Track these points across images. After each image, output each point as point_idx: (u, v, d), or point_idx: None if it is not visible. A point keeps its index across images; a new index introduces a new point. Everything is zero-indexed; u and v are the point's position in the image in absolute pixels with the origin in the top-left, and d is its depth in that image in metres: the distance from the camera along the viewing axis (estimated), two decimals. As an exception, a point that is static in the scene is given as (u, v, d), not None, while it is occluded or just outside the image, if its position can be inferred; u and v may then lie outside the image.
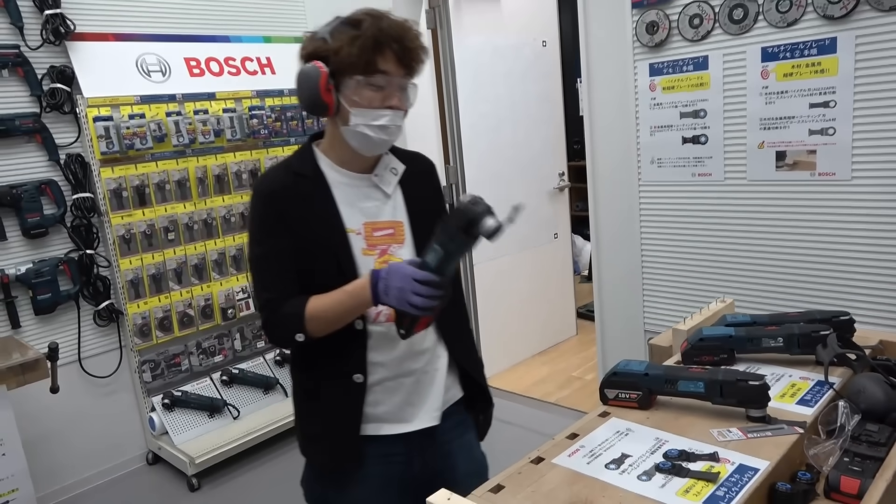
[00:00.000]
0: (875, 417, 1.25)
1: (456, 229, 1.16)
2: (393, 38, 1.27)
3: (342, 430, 1.38)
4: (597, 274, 2.74)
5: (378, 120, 1.29)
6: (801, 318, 1.55)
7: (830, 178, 2.01)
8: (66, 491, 2.98)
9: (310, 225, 1.33)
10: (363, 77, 1.26)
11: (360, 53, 1.25)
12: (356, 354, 1.35)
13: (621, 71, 2.43)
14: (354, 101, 1.28)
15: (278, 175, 1.38)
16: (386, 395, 1.38)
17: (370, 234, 1.37)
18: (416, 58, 1.31)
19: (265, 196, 1.35)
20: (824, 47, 1.94)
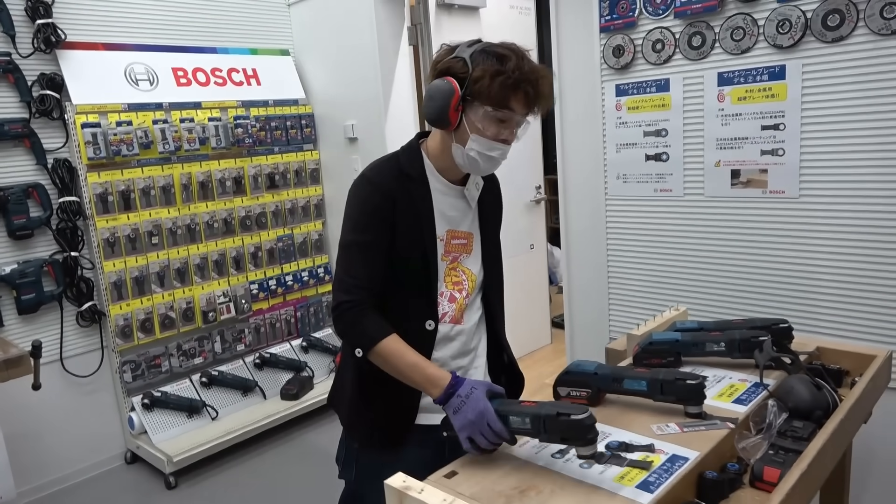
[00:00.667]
0: (801, 415, 1.37)
1: (557, 428, 1.14)
2: (530, 82, 1.33)
3: (399, 416, 1.47)
4: (566, 283, 2.86)
5: (491, 151, 1.37)
6: (743, 324, 1.66)
7: (780, 195, 2.14)
8: (45, 488, 3.03)
9: (409, 226, 1.42)
10: (492, 110, 1.33)
11: (500, 90, 1.31)
12: (423, 351, 1.43)
13: (590, 91, 2.55)
14: (477, 127, 1.35)
15: (391, 171, 1.44)
16: None
17: (448, 242, 1.49)
18: (543, 102, 1.37)
19: (378, 187, 1.41)
20: (774, 74, 2.08)
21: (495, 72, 1.30)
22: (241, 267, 3.55)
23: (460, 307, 1.51)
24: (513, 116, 1.35)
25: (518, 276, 4.16)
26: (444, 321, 1.49)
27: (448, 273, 1.48)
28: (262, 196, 3.62)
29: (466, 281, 1.52)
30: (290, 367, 3.64)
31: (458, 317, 1.51)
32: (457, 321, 1.51)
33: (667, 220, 2.43)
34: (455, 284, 1.50)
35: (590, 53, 2.52)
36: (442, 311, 1.48)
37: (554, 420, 1.12)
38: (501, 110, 1.33)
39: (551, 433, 1.13)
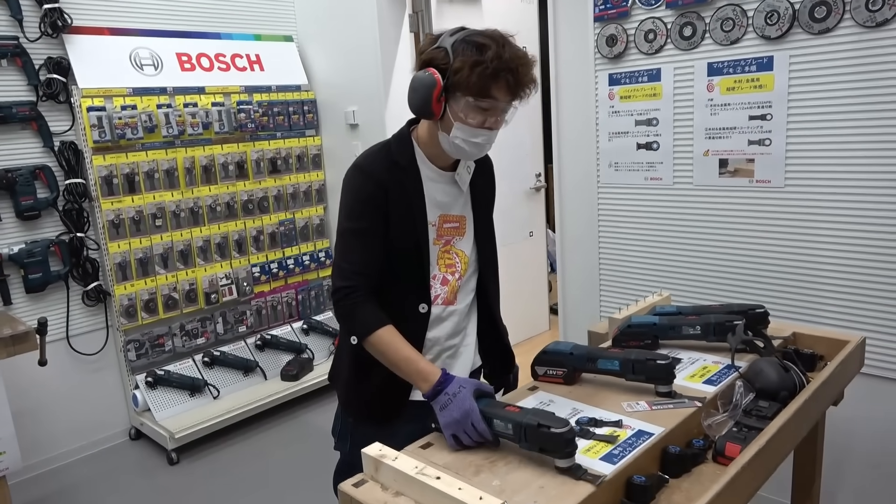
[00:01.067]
0: (768, 396, 1.42)
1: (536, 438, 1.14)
2: (510, 69, 1.34)
3: (394, 395, 1.53)
4: (561, 269, 2.91)
5: (476, 137, 1.41)
6: (720, 309, 1.71)
7: (766, 184, 2.17)
8: (50, 462, 3.13)
9: (402, 214, 1.46)
10: (474, 99, 1.36)
11: (479, 80, 1.33)
12: (416, 334, 1.51)
13: (584, 80, 2.59)
14: (460, 116, 1.38)
15: (382, 160, 1.48)
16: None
17: (441, 226, 1.54)
18: (526, 88, 1.40)
19: (370, 176, 1.45)
20: (762, 65, 2.11)
21: (474, 62, 1.32)
22: (244, 250, 3.62)
23: (453, 289, 1.56)
24: (496, 104, 1.38)
25: (517, 264, 4.21)
26: (436, 303, 1.54)
27: (441, 256, 1.54)
28: (264, 180, 3.68)
29: (459, 263, 1.56)
30: (291, 348, 3.72)
31: (451, 298, 1.56)
32: (449, 303, 1.56)
33: (656, 207, 2.47)
34: (448, 267, 1.55)
35: (584, 42, 2.56)
36: (434, 293, 1.53)
37: (534, 431, 1.13)
38: (483, 99, 1.36)
39: (531, 442, 1.14)
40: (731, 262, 2.31)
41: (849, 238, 2.04)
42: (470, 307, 1.63)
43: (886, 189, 1.95)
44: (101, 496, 2.90)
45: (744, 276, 2.29)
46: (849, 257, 2.05)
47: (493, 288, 1.68)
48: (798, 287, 2.17)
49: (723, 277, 2.34)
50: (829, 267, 2.10)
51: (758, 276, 2.25)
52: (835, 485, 2.20)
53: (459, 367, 1.61)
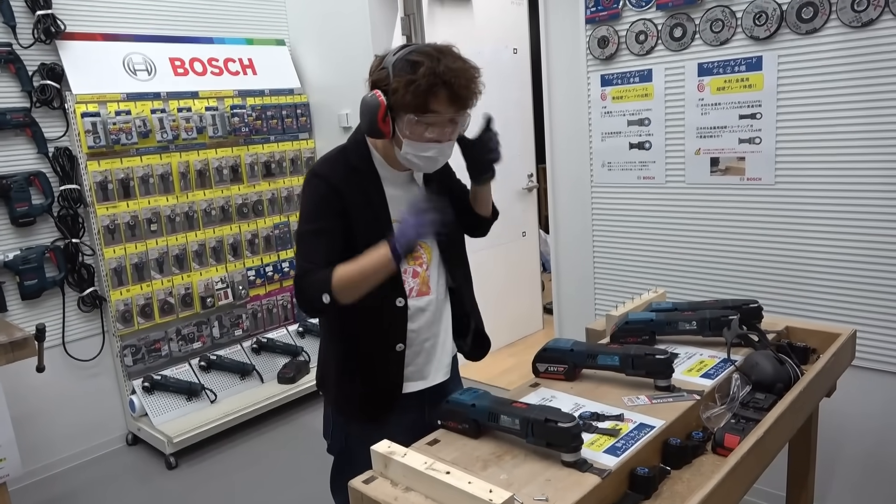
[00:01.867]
0: (764, 388, 1.46)
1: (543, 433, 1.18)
2: (445, 83, 1.38)
3: (384, 390, 1.59)
4: (555, 268, 2.94)
5: (426, 152, 1.46)
6: (715, 305, 1.75)
7: (757, 182, 2.22)
8: (49, 469, 3.12)
9: (364, 215, 1.50)
10: (415, 116, 1.40)
11: (414, 98, 1.38)
12: (398, 328, 1.57)
13: (576, 81, 2.62)
14: (406, 133, 1.43)
15: (337, 166, 1.53)
16: (413, 357, 1.62)
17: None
18: (467, 97, 1.43)
19: (325, 183, 1.49)
20: (752, 65, 2.15)
21: (408, 81, 1.37)
22: (239, 254, 3.63)
23: (423, 280, 1.61)
24: (439, 118, 1.42)
25: (511, 264, 4.25)
26: (412, 296, 1.59)
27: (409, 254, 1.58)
28: (258, 184, 3.69)
29: (424, 255, 1.62)
30: (287, 351, 3.73)
31: (425, 289, 1.62)
32: (424, 293, 1.61)
33: (649, 206, 2.51)
34: (415, 260, 1.60)
35: (576, 44, 2.59)
36: (408, 287, 1.58)
37: (542, 426, 1.16)
38: (424, 115, 1.40)
39: (538, 437, 1.17)
40: (724, 259, 2.35)
41: (838, 233, 2.09)
42: (445, 296, 1.69)
43: (875, 185, 1.99)
44: (100, 502, 2.90)
45: (736, 272, 2.33)
46: (839, 252, 2.10)
47: (461, 278, 1.71)
48: (789, 282, 2.21)
49: (715, 274, 2.38)
50: (819, 262, 2.14)
51: (750, 271, 2.29)
52: (827, 474, 2.24)
53: (443, 353, 1.67)
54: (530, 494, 1.08)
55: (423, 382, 1.65)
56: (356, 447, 1.57)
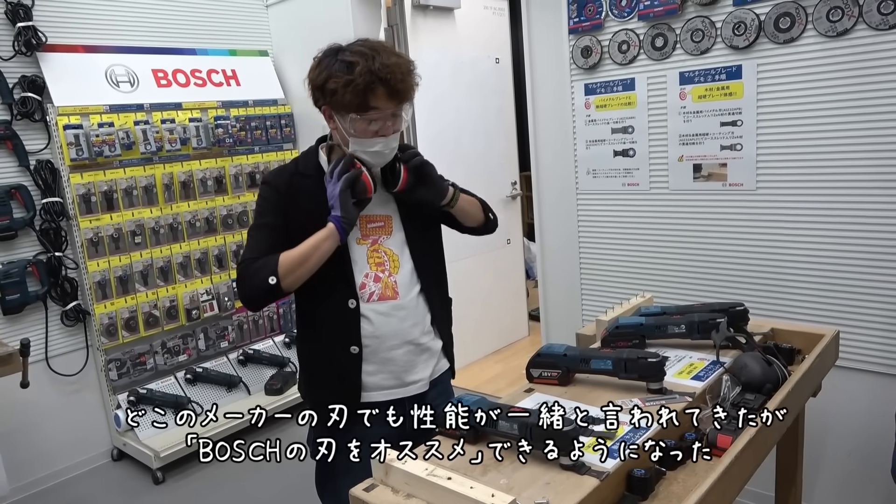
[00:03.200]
0: (753, 389, 1.48)
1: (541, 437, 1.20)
2: (381, 79, 1.41)
3: (344, 395, 1.59)
4: (541, 275, 2.97)
5: (372, 147, 1.49)
6: (703, 308, 1.78)
7: (739, 188, 2.27)
8: (33, 486, 3.08)
9: (310, 217, 1.52)
10: (357, 115, 1.45)
11: (354, 98, 1.42)
12: (351, 329, 1.57)
13: (560, 90, 2.66)
14: (351, 132, 1.47)
15: (284, 174, 1.59)
16: (380, 365, 1.60)
17: (364, 226, 1.60)
18: (405, 91, 1.47)
19: (271, 190, 1.56)
20: (732, 73, 2.20)
21: (346, 81, 1.41)
22: (224, 265, 3.61)
23: (387, 284, 1.60)
24: (380, 113, 1.45)
25: (495, 271, 4.27)
26: (372, 300, 1.58)
27: (370, 255, 1.59)
28: (243, 195, 3.68)
29: (388, 261, 1.61)
30: (274, 363, 3.71)
31: (390, 294, 1.60)
32: (389, 298, 1.59)
33: (634, 212, 2.55)
34: (378, 265, 1.60)
35: (559, 54, 2.63)
36: (369, 291, 1.58)
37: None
38: (365, 113, 1.44)
39: (537, 441, 1.19)
40: (709, 263, 2.39)
41: (819, 236, 2.14)
42: (419, 301, 1.65)
43: (854, 188, 2.05)
44: (86, 518, 2.87)
45: (721, 276, 2.37)
46: (820, 255, 2.15)
47: (431, 285, 1.68)
48: (773, 284, 2.26)
49: (701, 278, 2.42)
50: (801, 264, 2.19)
51: (734, 275, 2.34)
52: (814, 473, 2.29)
53: (422, 366, 1.65)
54: (531, 498, 1.09)
55: (396, 392, 1.63)
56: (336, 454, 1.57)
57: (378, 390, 1.61)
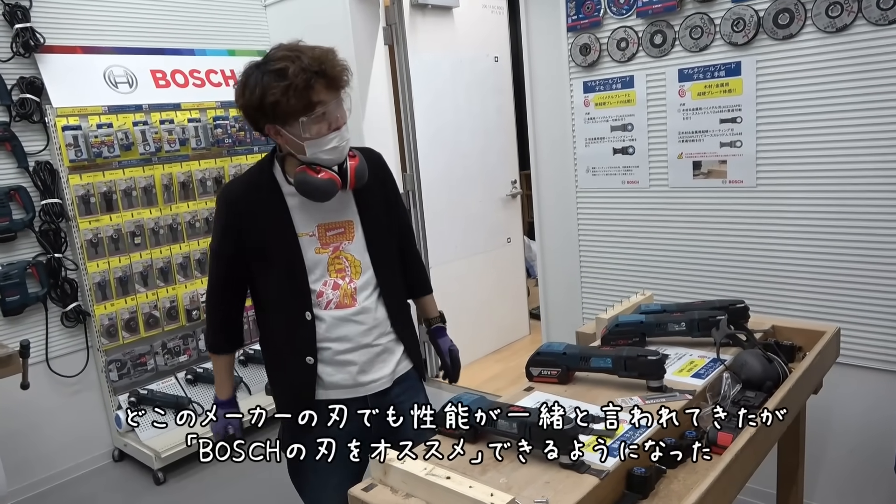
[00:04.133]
0: (754, 386, 1.48)
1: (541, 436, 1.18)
2: (317, 72, 1.42)
3: (301, 399, 1.61)
4: (541, 273, 2.96)
5: (329, 144, 1.47)
6: (703, 306, 1.78)
7: (739, 185, 2.26)
8: (34, 487, 3.08)
9: (264, 232, 1.54)
10: (307, 117, 1.43)
11: (297, 101, 1.40)
12: (307, 341, 1.58)
13: (559, 88, 2.66)
14: (305, 136, 1.45)
15: (239, 186, 1.59)
16: (338, 367, 1.61)
17: (323, 235, 1.58)
18: (342, 78, 1.47)
19: (225, 204, 1.57)
20: (731, 70, 2.20)
21: (283, 88, 1.39)
22: (224, 265, 3.60)
23: (346, 292, 1.59)
24: (325, 107, 1.45)
25: (497, 270, 4.27)
26: (329, 308, 1.58)
27: (331, 262, 1.58)
28: (242, 195, 3.67)
29: (349, 267, 1.60)
30: (274, 362, 3.71)
31: (347, 301, 1.59)
32: (346, 306, 1.59)
33: (634, 210, 2.54)
34: (338, 272, 1.59)
35: (558, 52, 2.63)
36: (327, 298, 1.58)
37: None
38: (312, 111, 1.43)
39: (535, 440, 1.19)
40: (709, 260, 2.39)
41: (820, 233, 2.13)
42: (379, 306, 1.65)
43: (854, 185, 2.04)
44: (87, 520, 2.87)
45: (721, 274, 2.37)
46: (820, 252, 2.14)
47: (393, 282, 1.69)
48: (773, 282, 2.25)
49: (701, 275, 2.42)
50: (801, 261, 2.19)
51: (734, 272, 2.33)
52: (815, 470, 2.28)
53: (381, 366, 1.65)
54: (530, 497, 1.09)
55: (356, 390, 1.63)
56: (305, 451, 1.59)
57: (336, 389, 1.62)
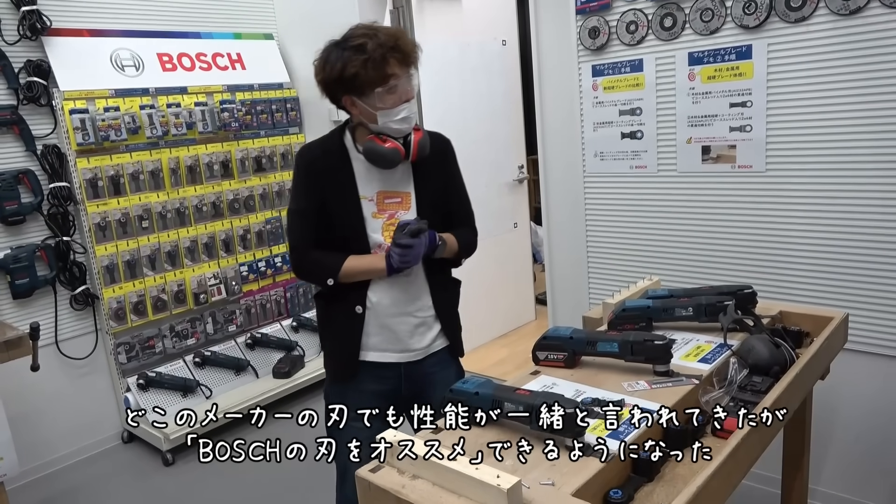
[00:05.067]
0: (761, 371, 1.48)
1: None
2: (391, 47, 1.57)
3: (346, 349, 1.76)
4: (548, 258, 2.96)
5: (400, 114, 1.62)
6: (710, 291, 1.77)
7: (748, 170, 2.24)
8: (45, 468, 3.11)
9: (332, 191, 1.69)
10: (382, 88, 1.57)
11: (375, 72, 1.55)
12: (359, 291, 1.73)
13: (567, 72, 2.64)
14: (378, 106, 1.60)
15: (315, 148, 1.74)
16: (379, 329, 1.75)
17: (381, 201, 1.73)
18: (413, 54, 1.62)
19: (305, 163, 1.71)
20: (741, 53, 2.17)
21: (363, 61, 1.55)
22: (231, 249, 3.62)
23: None
24: (399, 80, 1.59)
25: (503, 255, 4.27)
26: None
27: (386, 228, 1.72)
28: (249, 179, 3.68)
29: None
30: (282, 346, 3.73)
31: None
32: None
33: (642, 195, 2.53)
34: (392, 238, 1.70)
35: (566, 35, 2.60)
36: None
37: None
38: (387, 83, 1.57)
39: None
40: (717, 246, 2.38)
41: (829, 219, 2.12)
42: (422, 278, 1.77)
43: (865, 170, 2.02)
44: (99, 499, 2.90)
45: (729, 259, 2.36)
46: (829, 237, 2.13)
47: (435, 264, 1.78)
48: (782, 267, 2.24)
49: (709, 260, 2.41)
50: (810, 247, 2.17)
51: (743, 258, 2.32)
52: (821, 456, 2.28)
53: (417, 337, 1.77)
54: (536, 479, 1.10)
55: (391, 356, 1.76)
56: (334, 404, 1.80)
57: (376, 351, 1.76)
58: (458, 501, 1.06)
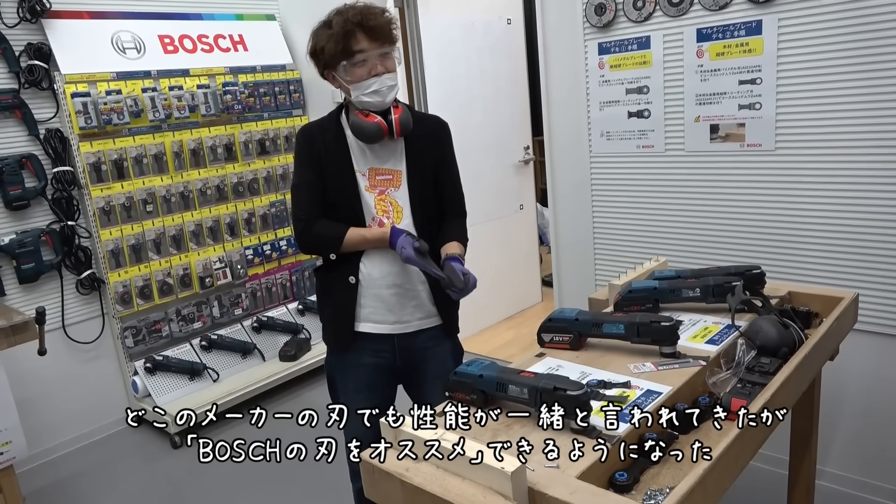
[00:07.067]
0: (769, 352, 1.46)
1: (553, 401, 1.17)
2: (356, 23, 1.62)
3: (342, 318, 1.82)
4: (554, 239, 2.93)
5: (369, 88, 1.67)
6: (718, 271, 1.75)
7: (757, 148, 2.21)
8: (52, 451, 3.14)
9: (329, 165, 1.76)
10: (346, 61, 1.64)
11: (336, 45, 1.63)
12: (353, 261, 1.79)
13: (573, 50, 2.59)
14: (349, 80, 1.67)
15: (314, 126, 1.81)
16: (373, 300, 1.80)
17: (372, 177, 1.79)
18: (383, 30, 1.66)
19: (305, 139, 1.78)
20: (751, 29, 2.13)
21: (327, 36, 1.64)
22: (236, 233, 3.61)
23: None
24: (367, 55, 1.64)
25: (509, 237, 4.24)
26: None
27: (378, 203, 1.79)
28: (253, 162, 3.66)
29: (392, 210, 1.80)
30: (288, 329, 3.74)
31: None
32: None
33: (649, 175, 2.50)
34: (384, 212, 1.80)
35: (572, 12, 2.55)
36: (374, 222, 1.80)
37: (551, 394, 1.17)
38: (353, 56, 1.64)
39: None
40: (725, 226, 2.35)
41: (839, 198, 2.08)
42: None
43: (875, 149, 1.98)
44: (107, 482, 2.92)
45: (737, 239, 2.33)
46: (839, 216, 2.09)
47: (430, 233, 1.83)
48: (791, 247, 2.21)
49: (717, 241, 2.38)
50: (820, 226, 2.14)
51: (751, 238, 2.29)
52: (829, 436, 2.27)
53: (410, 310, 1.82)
54: (541, 462, 1.09)
55: (385, 328, 1.82)
56: (334, 375, 1.92)
57: (369, 322, 1.82)
58: (462, 484, 1.05)
